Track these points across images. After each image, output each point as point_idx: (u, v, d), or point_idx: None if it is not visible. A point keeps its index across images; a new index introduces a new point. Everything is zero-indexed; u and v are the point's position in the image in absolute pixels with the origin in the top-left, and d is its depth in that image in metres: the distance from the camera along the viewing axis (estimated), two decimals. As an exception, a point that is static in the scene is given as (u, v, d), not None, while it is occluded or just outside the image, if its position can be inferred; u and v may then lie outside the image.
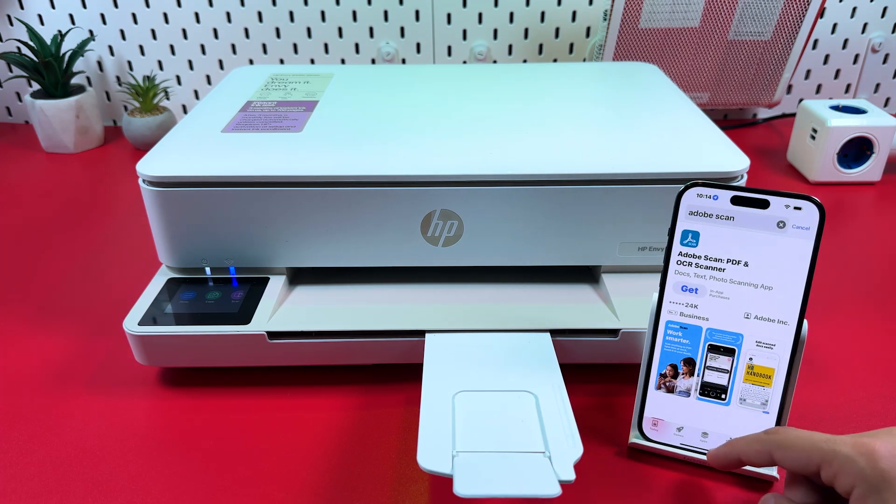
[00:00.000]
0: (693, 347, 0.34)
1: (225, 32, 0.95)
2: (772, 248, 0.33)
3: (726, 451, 0.35)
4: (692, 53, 0.87)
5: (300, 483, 0.41)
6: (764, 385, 0.34)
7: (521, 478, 0.35)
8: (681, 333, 0.34)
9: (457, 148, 0.49)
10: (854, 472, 0.30)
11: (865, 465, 0.29)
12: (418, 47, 0.96)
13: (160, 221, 0.49)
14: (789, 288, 0.33)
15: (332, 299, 0.50)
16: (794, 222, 0.32)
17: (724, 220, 0.33)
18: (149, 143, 0.89)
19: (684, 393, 0.34)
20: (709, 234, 0.33)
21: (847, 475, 0.30)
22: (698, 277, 0.34)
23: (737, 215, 0.32)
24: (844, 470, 0.30)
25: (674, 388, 0.34)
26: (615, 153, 0.48)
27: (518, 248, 0.50)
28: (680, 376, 0.34)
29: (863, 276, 0.62)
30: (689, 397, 0.35)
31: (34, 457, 0.43)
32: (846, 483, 0.30)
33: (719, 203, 0.34)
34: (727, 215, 0.32)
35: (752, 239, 0.33)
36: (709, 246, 0.33)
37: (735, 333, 0.33)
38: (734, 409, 0.35)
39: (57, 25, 0.94)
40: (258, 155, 0.49)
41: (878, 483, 0.29)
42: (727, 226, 0.33)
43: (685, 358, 0.34)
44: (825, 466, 0.31)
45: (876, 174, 0.78)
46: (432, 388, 0.42)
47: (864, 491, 0.29)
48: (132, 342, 0.47)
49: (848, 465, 0.30)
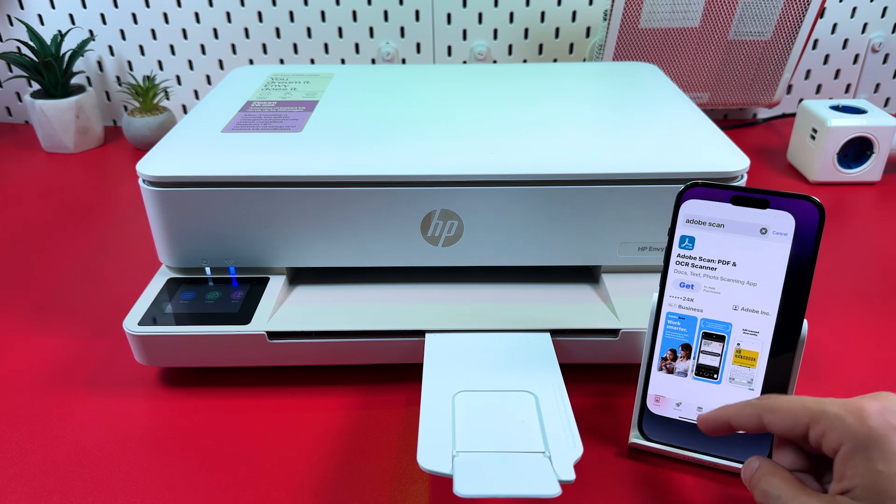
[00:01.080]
0: (689, 335, 0.39)
1: (225, 32, 0.95)
2: (756, 251, 0.37)
3: (716, 415, 0.35)
4: (692, 53, 0.87)
5: (300, 483, 0.41)
6: (749, 366, 0.39)
7: (521, 478, 0.35)
8: (679, 323, 0.39)
9: (457, 148, 0.49)
10: (842, 430, 0.29)
11: (854, 423, 0.29)
12: (418, 47, 0.96)
13: (160, 221, 0.49)
14: (771, 284, 0.37)
15: (332, 299, 0.50)
16: (774, 228, 0.37)
17: (715, 227, 0.38)
18: (149, 143, 0.89)
19: (682, 374, 0.39)
20: (703, 239, 0.38)
21: (835, 432, 0.30)
22: (694, 276, 0.38)
23: (726, 223, 0.37)
24: (832, 427, 0.30)
25: (673, 370, 0.39)
26: (615, 153, 0.48)
27: (518, 248, 0.50)
28: (678, 359, 0.39)
29: (863, 276, 0.62)
30: (686, 377, 0.39)
31: (34, 457, 0.43)
32: (833, 441, 0.30)
33: (715, 208, 0.37)
34: (717, 223, 0.38)
35: (738, 243, 0.38)
36: (702, 249, 0.38)
37: (725, 323, 0.38)
38: (724, 387, 0.39)
39: (57, 25, 0.94)
40: (258, 155, 0.49)
41: (865, 440, 0.29)
42: (718, 232, 0.38)
43: (683, 344, 0.39)
44: (813, 426, 0.31)
45: (876, 174, 0.78)
46: (432, 388, 0.42)
47: (851, 448, 0.29)
48: (132, 342, 0.47)
49: (836, 423, 0.30)
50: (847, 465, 0.29)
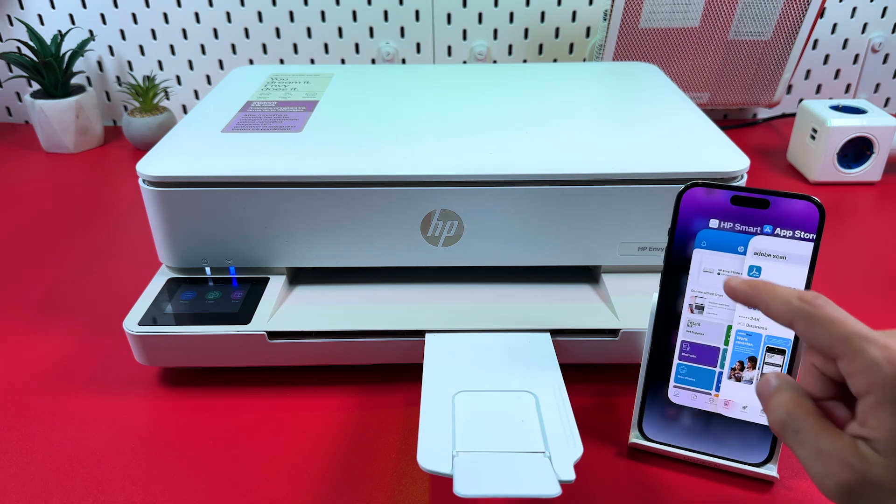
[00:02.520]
0: (755, 349, 0.40)
1: (225, 32, 0.95)
2: (780, 263, 0.38)
3: (753, 292, 0.32)
4: (692, 53, 0.87)
5: (300, 483, 0.41)
6: None
7: (521, 478, 0.35)
8: (746, 338, 0.40)
9: (457, 148, 0.49)
10: (873, 377, 0.27)
11: (889, 373, 0.27)
12: (418, 47, 0.96)
13: (160, 221, 0.49)
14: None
15: (332, 299, 0.50)
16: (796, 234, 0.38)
17: (778, 259, 0.38)
18: (149, 143, 0.89)
19: (748, 381, 0.40)
20: (769, 270, 0.39)
21: (865, 377, 0.28)
22: None
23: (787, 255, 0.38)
24: (865, 371, 0.28)
25: (741, 378, 0.40)
26: (615, 153, 0.48)
27: (518, 248, 0.50)
28: (745, 370, 0.40)
29: (863, 276, 0.62)
30: (751, 384, 0.40)
31: (34, 457, 0.43)
32: (861, 385, 0.28)
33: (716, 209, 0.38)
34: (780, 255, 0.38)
35: (791, 271, 0.38)
36: (768, 276, 0.39)
37: (786, 339, 0.39)
38: None
39: (57, 25, 0.94)
40: (258, 155, 0.49)
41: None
42: (780, 263, 0.38)
43: (750, 356, 0.40)
44: (846, 360, 0.28)
45: (876, 174, 0.78)
46: (432, 388, 0.42)
47: (880, 399, 0.27)
48: (132, 342, 0.47)
49: (871, 369, 0.27)
50: (872, 414, 0.27)
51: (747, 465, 0.41)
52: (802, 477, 0.41)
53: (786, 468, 0.41)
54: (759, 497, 0.40)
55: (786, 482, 0.41)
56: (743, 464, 0.41)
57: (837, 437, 0.28)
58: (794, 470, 0.41)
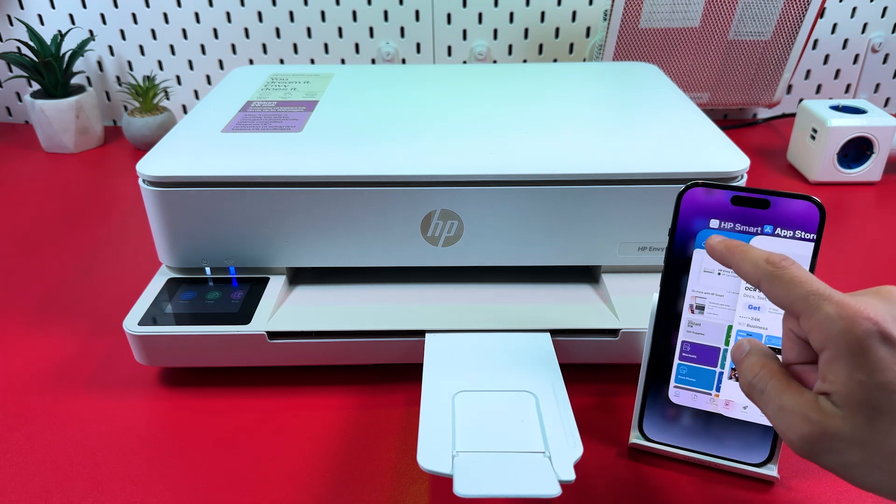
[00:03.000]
0: None
1: (225, 32, 0.95)
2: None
3: (728, 250, 0.34)
4: (692, 53, 0.87)
5: (300, 483, 0.41)
6: None
7: (521, 478, 0.35)
8: None
9: (457, 148, 0.49)
10: (828, 332, 0.28)
11: (842, 328, 0.28)
12: (418, 47, 0.96)
13: (160, 221, 0.49)
14: None
15: (332, 299, 0.50)
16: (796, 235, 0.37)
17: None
18: (149, 143, 0.89)
19: None
20: None
21: (821, 333, 0.29)
22: (760, 298, 0.38)
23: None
24: (820, 327, 0.29)
25: None
26: (615, 153, 0.48)
27: (518, 248, 0.50)
28: None
29: (863, 276, 0.62)
30: None
31: (34, 457, 0.43)
32: (818, 341, 0.29)
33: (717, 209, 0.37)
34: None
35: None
36: None
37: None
38: None
39: (57, 25, 0.94)
40: (258, 155, 0.49)
41: (849, 348, 0.27)
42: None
43: None
44: (804, 318, 0.29)
45: (876, 174, 0.78)
46: (432, 388, 0.42)
47: (834, 353, 0.28)
48: (132, 342, 0.47)
49: (826, 324, 0.28)
50: (829, 368, 0.28)
51: (747, 465, 0.41)
52: (803, 477, 0.41)
53: (786, 468, 0.41)
54: (759, 497, 0.40)
55: (786, 482, 0.41)
56: (743, 464, 0.41)
57: (799, 394, 0.30)
58: (794, 470, 0.41)
